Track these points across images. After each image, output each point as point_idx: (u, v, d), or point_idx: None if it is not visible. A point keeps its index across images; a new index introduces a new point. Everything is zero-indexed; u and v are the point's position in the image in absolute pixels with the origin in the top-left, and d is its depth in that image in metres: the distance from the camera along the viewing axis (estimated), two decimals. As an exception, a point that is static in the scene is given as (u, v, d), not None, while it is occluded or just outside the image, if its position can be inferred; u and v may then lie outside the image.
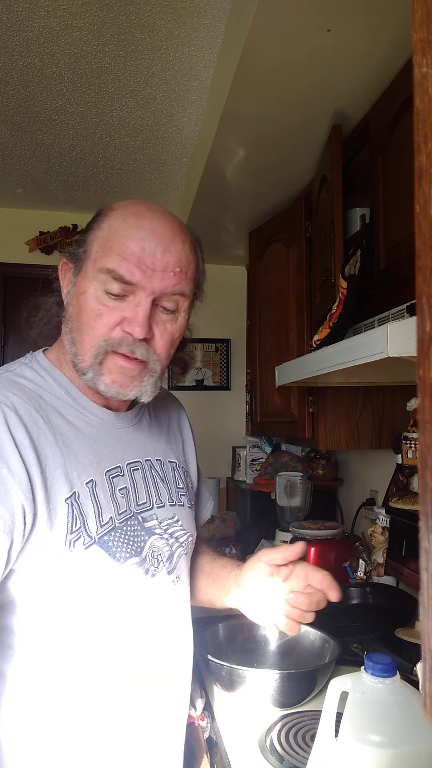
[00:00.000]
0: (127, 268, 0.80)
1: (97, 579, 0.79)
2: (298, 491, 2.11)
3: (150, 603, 0.86)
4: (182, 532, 0.94)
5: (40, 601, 0.77)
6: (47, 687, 0.79)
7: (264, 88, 1.45)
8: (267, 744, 1.03)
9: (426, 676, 0.29)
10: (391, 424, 1.81)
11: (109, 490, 0.84)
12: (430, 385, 0.28)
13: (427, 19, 0.29)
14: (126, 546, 0.83)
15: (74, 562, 0.76)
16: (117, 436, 0.90)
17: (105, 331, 0.81)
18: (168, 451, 1.00)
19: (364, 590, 1.62)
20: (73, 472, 0.79)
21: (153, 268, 0.81)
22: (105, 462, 0.85)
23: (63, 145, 2.13)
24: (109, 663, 0.81)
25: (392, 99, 1.32)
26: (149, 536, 0.87)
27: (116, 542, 0.81)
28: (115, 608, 0.81)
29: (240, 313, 2.86)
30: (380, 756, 0.71)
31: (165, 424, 1.04)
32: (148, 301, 0.81)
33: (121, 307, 0.81)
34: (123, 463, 0.88)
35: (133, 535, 0.84)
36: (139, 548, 0.84)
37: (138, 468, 0.91)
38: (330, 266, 1.56)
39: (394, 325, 0.93)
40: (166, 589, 0.89)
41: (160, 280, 0.81)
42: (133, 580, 0.83)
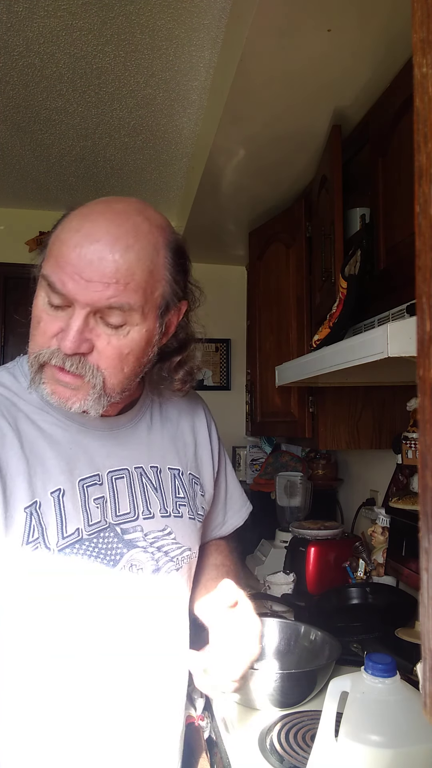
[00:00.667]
0: (59, 277, 0.74)
1: (59, 590, 0.77)
2: (298, 491, 2.11)
3: (123, 616, 0.83)
4: (174, 545, 0.88)
5: (4, 608, 0.77)
6: (24, 695, 0.78)
7: (264, 88, 1.45)
8: (267, 744, 1.03)
9: (426, 676, 0.29)
10: (391, 424, 1.81)
11: (81, 500, 0.80)
12: (430, 385, 0.28)
13: (427, 19, 0.29)
14: (95, 559, 0.79)
15: (33, 572, 0.75)
16: (100, 441, 0.86)
17: (43, 340, 0.77)
18: (169, 458, 0.94)
19: (364, 590, 1.62)
20: (37, 481, 0.76)
21: (87, 278, 0.73)
22: (79, 470, 0.82)
23: (63, 145, 2.13)
24: (85, 673, 0.80)
25: (392, 99, 1.32)
26: (128, 549, 0.83)
27: (81, 555, 0.78)
28: (84, 619, 0.79)
29: (240, 313, 2.85)
30: (380, 756, 0.71)
31: (171, 428, 0.98)
32: (81, 314, 0.74)
33: (60, 317, 0.76)
34: (103, 471, 0.84)
35: (105, 548, 0.81)
36: (113, 561, 0.81)
37: (122, 476, 0.86)
38: (330, 266, 1.56)
39: (394, 325, 0.93)
40: (147, 603, 0.85)
41: (92, 291, 0.73)
42: (103, 593, 0.80)
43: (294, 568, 1.81)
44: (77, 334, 0.74)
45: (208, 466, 1.02)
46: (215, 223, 2.41)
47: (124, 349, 0.78)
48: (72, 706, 0.80)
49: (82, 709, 0.80)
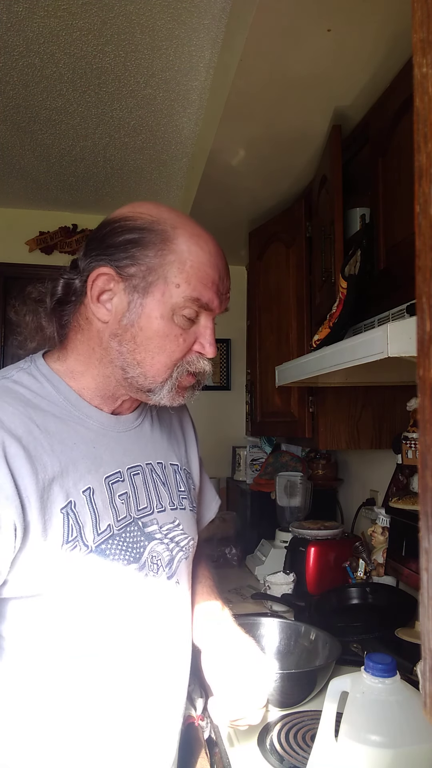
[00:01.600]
0: (209, 297, 0.83)
1: (94, 587, 0.78)
2: (298, 491, 2.11)
3: (148, 608, 0.85)
4: (183, 536, 0.93)
5: (33, 609, 0.76)
6: (37, 692, 0.79)
7: (264, 88, 1.45)
8: (267, 744, 1.03)
9: (426, 676, 0.29)
10: (391, 424, 1.81)
11: (108, 497, 0.82)
12: (430, 385, 0.28)
13: (427, 19, 0.29)
14: (124, 553, 0.82)
15: (71, 570, 0.76)
16: (117, 440, 0.88)
17: (182, 353, 0.84)
18: (170, 454, 0.99)
19: (364, 590, 1.62)
20: (69, 481, 0.78)
21: (224, 293, 0.86)
22: (104, 468, 0.84)
23: (63, 145, 2.13)
24: (107, 669, 0.81)
25: (392, 99, 1.32)
26: (149, 541, 0.86)
27: (114, 550, 0.80)
28: (113, 616, 0.81)
29: (240, 313, 2.85)
30: (380, 756, 0.71)
31: (167, 426, 1.02)
32: (213, 320, 0.87)
33: (192, 329, 0.85)
34: (123, 467, 0.87)
35: (132, 542, 0.83)
36: (138, 554, 0.84)
37: (138, 472, 0.90)
38: (330, 266, 1.56)
39: (394, 325, 0.93)
40: (166, 594, 0.88)
41: (224, 301, 0.87)
42: (131, 587, 0.82)
43: (294, 568, 1.81)
44: (214, 339, 0.87)
45: (195, 462, 1.08)
46: (215, 223, 2.41)
47: None
48: (90, 699, 0.81)
49: (99, 701, 0.81)
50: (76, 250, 3.09)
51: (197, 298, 0.82)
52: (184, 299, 0.81)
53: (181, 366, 0.84)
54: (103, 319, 0.83)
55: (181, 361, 0.84)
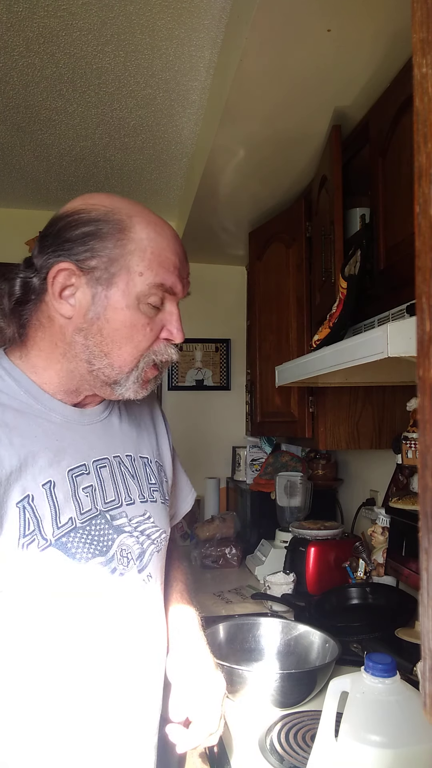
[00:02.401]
0: (173, 281, 0.83)
1: (56, 581, 0.77)
2: (298, 491, 2.11)
3: (118, 602, 0.84)
4: (154, 528, 0.92)
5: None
6: (5, 689, 0.77)
7: (264, 88, 1.45)
8: (267, 744, 1.03)
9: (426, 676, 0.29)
10: (391, 424, 1.81)
11: (71, 490, 0.82)
12: (430, 385, 0.28)
13: (427, 19, 0.29)
14: (89, 546, 0.81)
15: (29, 565, 0.75)
16: (82, 433, 0.88)
17: (149, 342, 0.84)
18: (139, 446, 0.98)
19: (364, 590, 1.62)
20: (28, 475, 0.77)
21: (185, 276, 0.86)
22: (68, 460, 0.83)
23: (63, 145, 2.13)
24: (75, 665, 0.80)
25: (392, 99, 1.32)
26: (118, 534, 0.85)
27: (77, 542, 0.79)
28: (79, 609, 0.80)
29: (240, 313, 2.85)
30: (380, 756, 0.71)
31: (136, 419, 1.01)
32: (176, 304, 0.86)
33: (159, 317, 0.84)
34: (88, 460, 0.86)
35: (98, 535, 0.82)
36: (105, 547, 0.83)
37: (105, 465, 0.89)
38: (330, 266, 1.56)
39: (394, 325, 0.93)
40: (136, 588, 0.87)
41: (186, 285, 0.87)
42: (97, 580, 0.81)
43: (294, 568, 1.81)
44: (181, 324, 0.86)
45: (167, 454, 1.06)
46: (215, 223, 2.41)
47: None
48: (63, 694, 0.79)
49: (73, 696, 0.80)
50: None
51: (161, 283, 0.82)
52: (149, 286, 0.81)
53: (147, 356, 0.84)
54: (66, 315, 0.82)
55: (148, 351, 0.84)
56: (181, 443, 1.19)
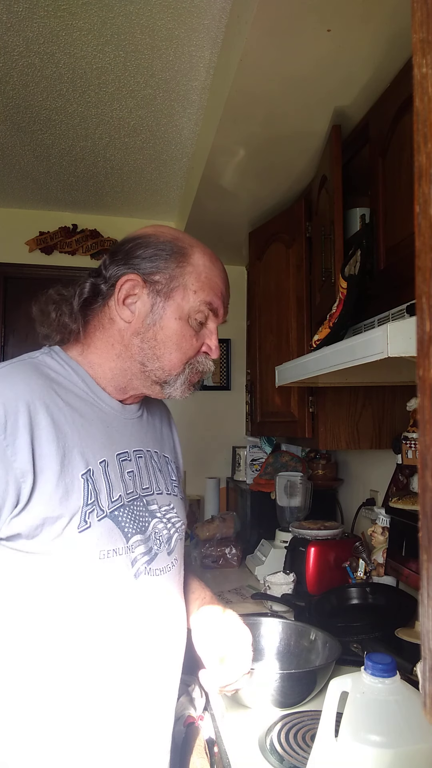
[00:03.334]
0: (218, 303, 0.97)
1: (104, 551, 0.84)
2: (298, 491, 2.11)
3: (153, 580, 0.91)
4: (177, 518, 1.01)
5: (37, 568, 0.81)
6: (31, 678, 0.81)
7: (264, 88, 1.45)
8: (267, 744, 1.03)
9: (426, 676, 0.29)
10: (391, 424, 1.81)
11: (119, 471, 0.91)
12: (430, 385, 0.28)
13: (427, 19, 0.29)
14: (133, 523, 0.89)
15: (85, 532, 0.82)
16: (124, 424, 0.97)
17: (194, 352, 0.96)
18: (163, 446, 1.08)
19: (364, 590, 1.62)
20: (88, 451, 0.86)
21: (227, 303, 1.00)
22: (116, 446, 0.92)
23: (63, 145, 2.13)
24: (108, 634, 0.85)
25: (392, 99, 1.32)
26: (152, 518, 0.94)
27: (125, 518, 0.88)
28: (119, 583, 0.86)
29: (240, 313, 2.85)
30: (380, 756, 0.71)
31: (158, 423, 1.11)
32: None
33: (201, 332, 0.97)
34: (130, 449, 0.96)
35: (139, 514, 0.92)
36: (144, 527, 0.92)
37: (141, 456, 0.98)
38: (330, 266, 1.56)
39: (394, 325, 0.93)
40: (168, 568, 0.95)
41: (226, 311, 1.01)
42: (139, 555, 0.89)
43: (294, 568, 1.81)
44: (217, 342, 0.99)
45: (179, 453, 1.18)
46: (215, 223, 2.41)
47: None
48: (80, 687, 0.83)
49: (89, 689, 0.83)
50: (76, 250, 3.08)
51: (209, 302, 0.95)
52: (199, 303, 0.94)
53: (191, 364, 0.96)
54: (126, 319, 0.93)
55: (192, 359, 0.96)
56: (181, 443, 1.20)
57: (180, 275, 0.94)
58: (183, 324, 0.94)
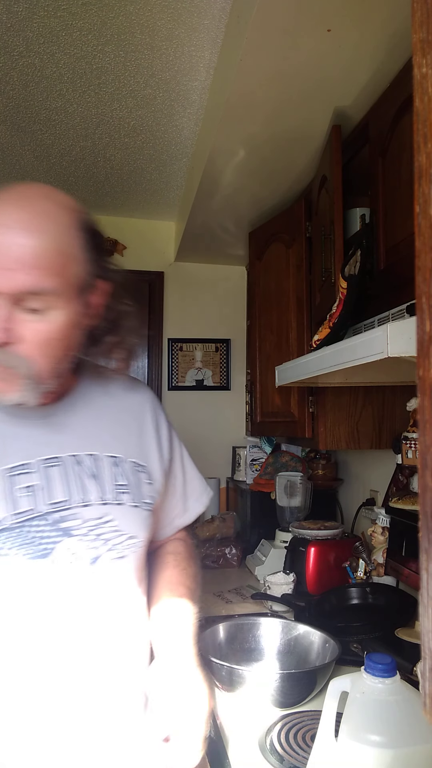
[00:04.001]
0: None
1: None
2: (298, 491, 2.11)
3: (57, 610, 0.81)
4: (115, 533, 0.88)
5: None
6: None
7: (264, 88, 1.45)
8: (267, 744, 1.03)
9: (426, 676, 0.29)
10: (391, 424, 1.81)
11: (6, 490, 0.80)
12: (430, 385, 0.28)
13: (427, 19, 0.29)
14: (25, 547, 0.79)
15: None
16: (31, 430, 0.86)
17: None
18: (108, 444, 0.93)
19: (364, 590, 1.62)
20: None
21: (4, 266, 0.74)
22: (6, 460, 0.82)
23: (63, 145, 2.13)
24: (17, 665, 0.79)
25: (392, 99, 1.32)
26: (65, 537, 0.83)
27: (9, 543, 0.78)
28: (10, 616, 0.79)
29: (240, 313, 2.85)
30: (380, 756, 0.71)
31: (111, 414, 0.97)
32: (2, 304, 0.75)
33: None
34: (35, 458, 0.84)
35: (36, 536, 0.80)
36: (46, 551, 0.81)
37: (57, 464, 0.86)
38: (330, 266, 1.56)
39: (394, 325, 0.93)
40: (84, 595, 0.84)
41: (9, 278, 0.74)
42: (33, 584, 0.80)
43: (294, 568, 1.81)
44: (1, 323, 0.75)
45: (155, 453, 1.00)
46: (215, 223, 2.41)
47: (50, 334, 0.79)
48: (11, 716, 0.78)
49: (23, 719, 0.78)
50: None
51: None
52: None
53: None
54: None
55: None
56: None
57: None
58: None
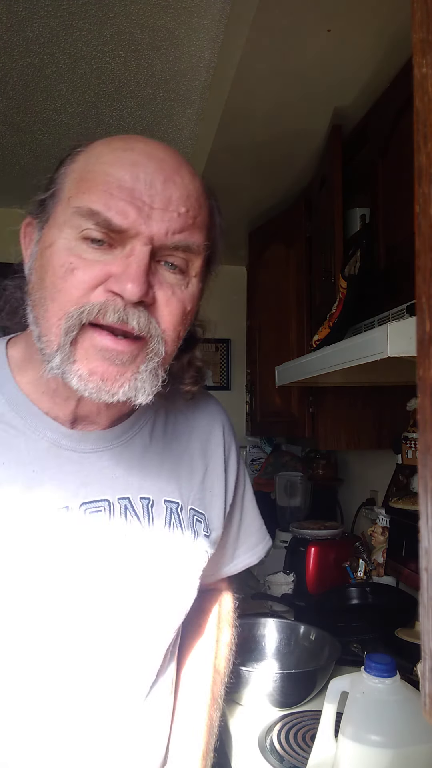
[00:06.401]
0: (116, 205, 0.57)
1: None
2: (298, 491, 2.11)
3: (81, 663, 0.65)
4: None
5: None
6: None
7: (264, 88, 1.45)
8: (267, 744, 1.03)
9: (426, 676, 0.29)
10: (391, 424, 1.81)
11: (34, 544, 0.64)
12: (430, 385, 0.28)
13: (427, 19, 0.29)
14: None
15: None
16: (77, 463, 0.66)
17: (80, 293, 0.57)
18: (168, 486, 0.74)
19: (364, 590, 1.62)
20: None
21: (151, 204, 0.57)
22: (44, 498, 0.64)
23: (63, 145, 2.11)
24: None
25: (392, 99, 1.32)
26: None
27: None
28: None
29: (240, 313, 2.85)
30: (380, 756, 0.71)
31: (178, 448, 0.77)
32: (145, 250, 0.57)
33: (105, 260, 0.58)
34: (75, 502, 0.65)
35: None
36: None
37: (101, 509, 0.67)
38: (330, 266, 1.56)
39: (394, 325, 0.93)
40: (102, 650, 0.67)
41: (160, 220, 0.57)
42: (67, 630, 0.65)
43: (294, 568, 1.81)
44: (144, 273, 0.56)
45: (219, 499, 0.81)
46: (215, 223, 2.41)
47: (187, 303, 0.62)
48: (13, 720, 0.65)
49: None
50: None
51: (94, 209, 0.57)
52: (77, 212, 0.58)
53: (75, 314, 0.57)
54: (27, 279, 0.65)
55: (80, 306, 0.57)
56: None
57: (61, 185, 0.63)
58: (56, 250, 0.59)
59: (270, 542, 0.98)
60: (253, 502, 0.93)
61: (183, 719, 0.80)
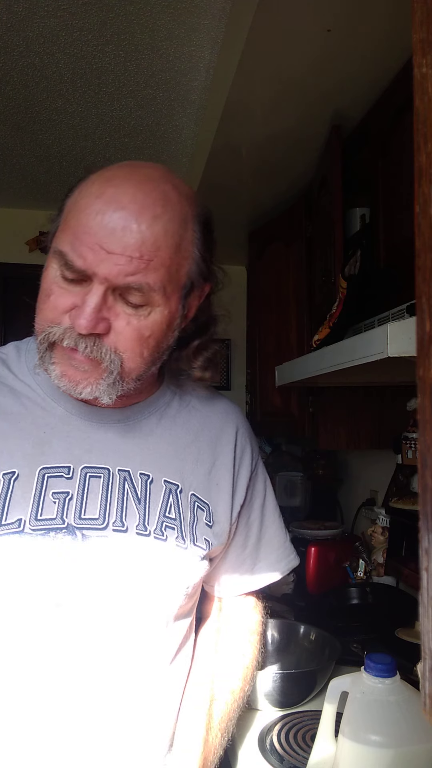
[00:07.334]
0: (76, 248, 0.66)
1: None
2: (298, 491, 2.11)
3: (68, 660, 0.70)
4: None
5: None
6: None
7: (264, 88, 1.45)
8: (267, 744, 1.03)
9: (426, 676, 0.29)
10: (391, 424, 1.80)
11: (35, 490, 0.71)
12: (430, 385, 0.28)
13: (427, 19, 0.29)
14: (36, 564, 0.70)
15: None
16: (84, 432, 0.77)
17: (53, 315, 0.70)
18: (169, 469, 0.80)
19: (364, 590, 1.62)
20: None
21: (108, 249, 0.65)
22: (46, 458, 0.73)
23: (63, 145, 2.13)
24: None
25: (392, 99, 1.32)
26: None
27: (19, 552, 0.69)
28: (15, 636, 0.70)
29: (240, 313, 2.85)
30: (380, 756, 0.71)
31: (186, 437, 0.84)
32: (99, 290, 0.66)
33: (74, 291, 0.68)
34: (77, 464, 0.74)
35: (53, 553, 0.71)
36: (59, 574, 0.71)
37: (101, 475, 0.75)
38: (330, 266, 1.56)
39: (394, 325, 0.93)
40: (94, 648, 0.72)
41: (113, 264, 0.65)
42: (30, 612, 0.70)
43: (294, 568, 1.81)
44: (94, 312, 0.66)
45: (226, 494, 0.85)
46: (215, 223, 2.41)
47: (144, 331, 0.70)
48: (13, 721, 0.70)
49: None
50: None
51: (64, 252, 0.67)
52: (54, 253, 0.69)
53: (49, 331, 0.70)
54: None
55: (51, 326, 0.70)
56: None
57: (62, 216, 0.73)
58: (46, 276, 0.71)
59: (296, 560, 0.98)
60: (275, 515, 0.96)
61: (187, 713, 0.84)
